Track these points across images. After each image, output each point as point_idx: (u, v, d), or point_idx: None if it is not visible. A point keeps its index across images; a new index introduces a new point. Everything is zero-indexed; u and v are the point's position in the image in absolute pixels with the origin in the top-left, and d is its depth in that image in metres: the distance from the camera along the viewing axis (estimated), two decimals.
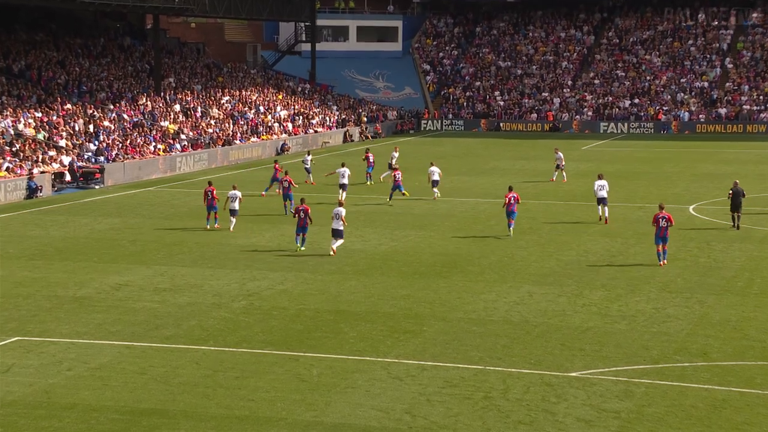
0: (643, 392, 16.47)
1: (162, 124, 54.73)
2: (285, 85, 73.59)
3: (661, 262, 26.14)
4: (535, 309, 21.89)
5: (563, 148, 47.46)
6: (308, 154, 46.01)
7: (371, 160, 43.92)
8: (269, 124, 62.56)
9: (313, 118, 67.73)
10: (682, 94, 74.84)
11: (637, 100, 74.99)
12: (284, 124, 63.79)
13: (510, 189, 31.14)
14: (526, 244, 29.44)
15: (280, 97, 69.57)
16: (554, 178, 44.03)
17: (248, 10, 67.42)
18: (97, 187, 44.23)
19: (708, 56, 78.22)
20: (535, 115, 75.82)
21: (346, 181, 38.29)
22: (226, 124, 59.16)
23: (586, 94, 76.81)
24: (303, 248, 28.23)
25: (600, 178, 33.34)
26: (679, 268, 25.99)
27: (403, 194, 38.16)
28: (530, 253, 28.12)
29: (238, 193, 32.23)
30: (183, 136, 53.82)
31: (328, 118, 68.98)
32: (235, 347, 19.16)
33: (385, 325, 20.68)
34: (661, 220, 26.06)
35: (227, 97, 64.24)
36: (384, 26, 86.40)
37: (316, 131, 65.93)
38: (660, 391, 16.50)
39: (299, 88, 74.31)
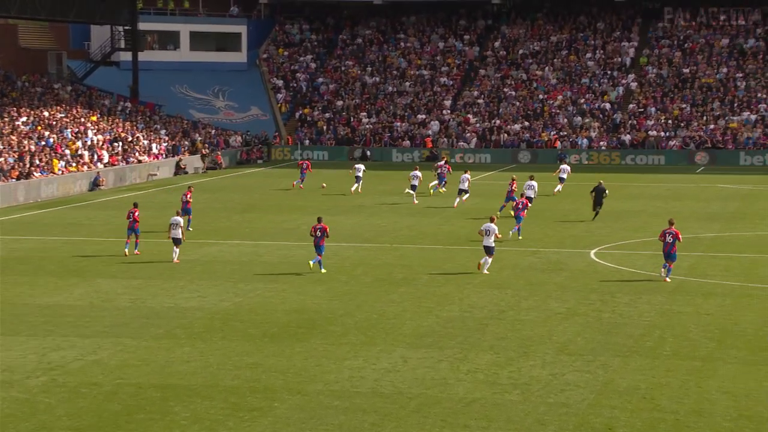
0: None
1: None
2: (99, 104, 72.39)
3: (665, 278, 31.34)
4: (411, 377, 22.09)
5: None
6: (416, 170, 52.81)
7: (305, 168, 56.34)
8: (79, 151, 61.29)
9: (135, 144, 66.78)
10: (581, 117, 77.65)
11: (528, 124, 77.33)
12: (98, 152, 62.63)
13: (521, 195, 40.79)
14: (399, 298, 29.73)
15: (94, 118, 68.38)
16: (557, 190, 52.93)
17: (49, 10, 66.20)
18: None
19: (609, 72, 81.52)
20: (409, 141, 77.14)
21: (465, 186, 48.12)
22: (22, 152, 57.63)
23: (469, 116, 78.76)
24: (322, 269, 32.80)
25: (531, 179, 46.00)
26: (580, 325, 26.78)
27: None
28: (404, 309, 28.41)
29: (180, 220, 35.36)
30: None
31: (154, 145, 68.17)
32: None
33: (227, 401, 20.46)
34: (667, 235, 31.03)
35: (23, 118, 62.62)
36: (224, 32, 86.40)
37: (139, 161, 65.03)
38: None
39: (118, 107, 73.25)
